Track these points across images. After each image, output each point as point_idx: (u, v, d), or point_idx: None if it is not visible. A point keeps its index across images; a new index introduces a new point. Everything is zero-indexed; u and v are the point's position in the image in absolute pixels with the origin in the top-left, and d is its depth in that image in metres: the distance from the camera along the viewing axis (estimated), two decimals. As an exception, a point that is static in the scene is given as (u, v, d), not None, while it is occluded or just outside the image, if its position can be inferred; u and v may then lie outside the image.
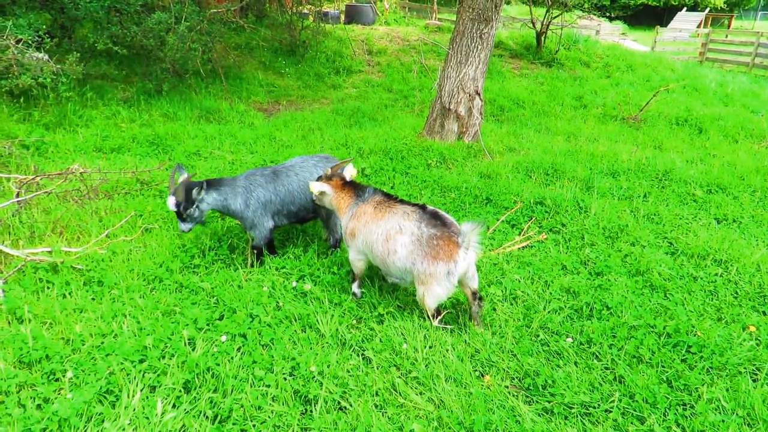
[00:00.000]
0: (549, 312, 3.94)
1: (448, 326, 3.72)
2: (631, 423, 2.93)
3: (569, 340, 3.60)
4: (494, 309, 3.98)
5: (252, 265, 4.44)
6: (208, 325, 3.61)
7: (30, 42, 6.89)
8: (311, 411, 3.02)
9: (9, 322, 3.54)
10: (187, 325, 3.58)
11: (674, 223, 5.50)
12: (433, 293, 3.50)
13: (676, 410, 3.02)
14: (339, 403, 3.09)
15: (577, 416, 3.01)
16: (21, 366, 3.19)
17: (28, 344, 3.25)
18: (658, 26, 23.71)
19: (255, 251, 4.49)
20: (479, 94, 7.92)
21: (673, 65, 15.93)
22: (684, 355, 3.45)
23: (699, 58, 21.04)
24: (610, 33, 23.39)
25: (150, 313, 3.74)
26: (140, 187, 5.65)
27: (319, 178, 4.10)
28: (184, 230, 4.18)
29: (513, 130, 9.00)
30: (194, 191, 4.07)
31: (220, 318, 3.73)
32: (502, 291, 4.19)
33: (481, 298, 3.73)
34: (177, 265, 4.33)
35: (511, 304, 4.07)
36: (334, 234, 4.74)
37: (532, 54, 15.33)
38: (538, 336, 3.70)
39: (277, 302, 3.90)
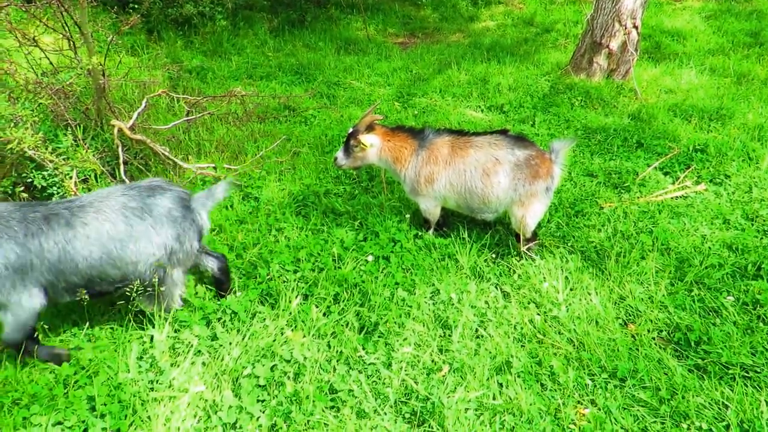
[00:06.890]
0: (706, 267, 3.64)
1: (536, 257, 3.72)
2: (801, 393, 2.69)
3: (730, 298, 3.32)
4: (642, 257, 3.76)
5: None
6: (353, 245, 3.82)
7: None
8: (450, 335, 3.13)
9: (184, 226, 4.00)
10: (334, 243, 3.82)
11: None
12: (534, 212, 3.57)
13: None
14: (477, 331, 3.17)
15: (734, 378, 2.81)
16: (196, 264, 3.63)
17: (202, 246, 3.68)
18: None
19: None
20: (636, 28, 7.15)
21: None
22: None
23: None
24: (801, -43, 19.66)
25: (299, 229, 4.03)
26: (288, 114, 5.96)
27: (355, 132, 3.70)
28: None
29: (670, 70, 8.07)
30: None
31: (364, 239, 3.92)
32: (653, 240, 3.92)
33: None
34: (322, 189, 4.56)
35: (662, 255, 3.81)
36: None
37: (699, -17, 13.43)
38: (692, 291, 3.46)
39: (418, 230, 4.00)
